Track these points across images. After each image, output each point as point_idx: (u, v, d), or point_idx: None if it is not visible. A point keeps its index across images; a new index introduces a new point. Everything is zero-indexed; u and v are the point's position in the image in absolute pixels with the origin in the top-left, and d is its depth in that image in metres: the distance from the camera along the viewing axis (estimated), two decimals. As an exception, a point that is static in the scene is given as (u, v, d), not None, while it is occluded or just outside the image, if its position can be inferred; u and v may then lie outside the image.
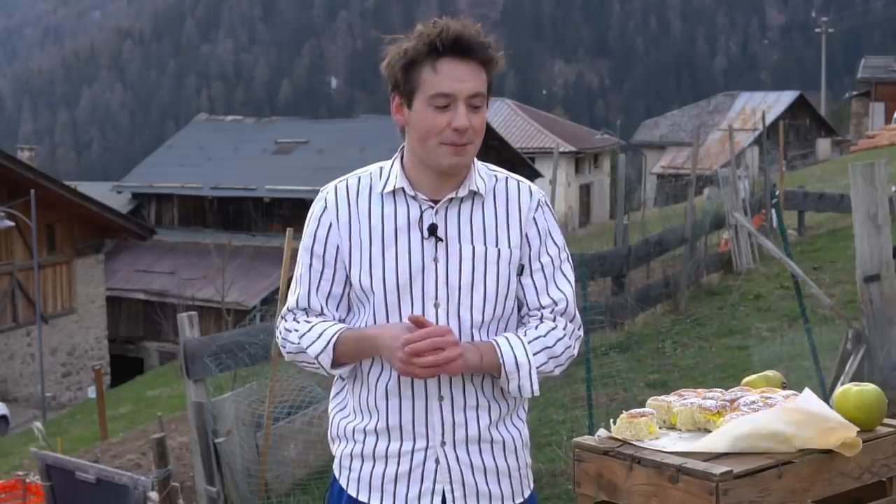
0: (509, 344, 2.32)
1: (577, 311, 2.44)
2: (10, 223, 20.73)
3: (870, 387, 2.16)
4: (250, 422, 6.67)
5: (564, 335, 2.39)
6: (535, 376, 2.33)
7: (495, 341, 2.32)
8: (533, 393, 2.35)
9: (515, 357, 2.31)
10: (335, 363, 2.34)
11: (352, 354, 2.32)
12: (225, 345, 6.36)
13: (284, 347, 2.43)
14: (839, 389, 2.19)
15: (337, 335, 2.32)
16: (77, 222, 24.99)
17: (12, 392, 23.11)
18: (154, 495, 5.28)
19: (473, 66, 2.26)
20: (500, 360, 2.30)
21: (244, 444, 6.52)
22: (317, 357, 2.34)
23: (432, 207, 2.34)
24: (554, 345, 2.36)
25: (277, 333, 2.47)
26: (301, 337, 2.37)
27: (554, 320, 2.39)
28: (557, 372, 2.41)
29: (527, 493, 2.46)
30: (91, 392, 20.50)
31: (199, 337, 6.27)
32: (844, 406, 2.12)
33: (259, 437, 6.59)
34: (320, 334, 2.33)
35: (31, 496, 6.18)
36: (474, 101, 2.26)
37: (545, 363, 2.35)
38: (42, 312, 22.30)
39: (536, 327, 2.37)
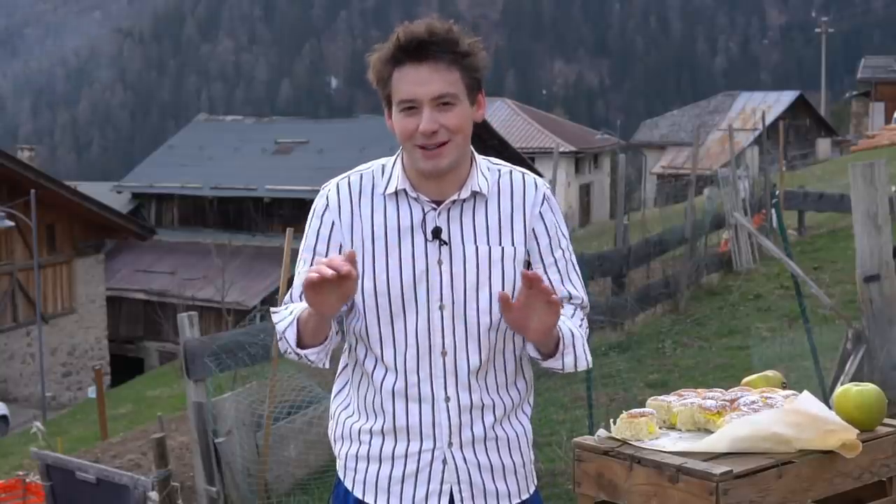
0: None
1: (588, 302, 2.47)
2: (10, 223, 20.73)
3: (870, 387, 2.16)
4: (250, 422, 6.67)
5: (582, 320, 2.43)
6: (587, 347, 2.35)
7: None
8: (588, 364, 2.36)
9: (571, 329, 2.32)
10: (302, 343, 2.28)
11: (311, 325, 2.24)
12: (225, 345, 6.37)
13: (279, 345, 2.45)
14: (839, 389, 2.19)
15: (302, 308, 2.28)
16: (77, 222, 24.99)
17: (12, 392, 23.11)
18: (154, 495, 5.28)
19: (437, 66, 2.23)
20: (560, 333, 2.28)
21: (244, 444, 6.53)
22: (283, 333, 2.30)
23: (435, 209, 2.32)
24: (581, 324, 2.40)
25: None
26: (277, 316, 2.37)
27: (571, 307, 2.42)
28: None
29: (531, 489, 2.47)
30: (91, 392, 20.50)
31: (199, 337, 6.27)
32: (844, 406, 2.12)
33: (259, 437, 6.59)
34: (291, 312, 2.32)
35: (31, 496, 6.19)
36: (442, 100, 2.23)
37: (581, 339, 2.38)
38: (42, 312, 22.29)
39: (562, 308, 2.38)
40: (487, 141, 28.49)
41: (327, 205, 2.37)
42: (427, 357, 2.32)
